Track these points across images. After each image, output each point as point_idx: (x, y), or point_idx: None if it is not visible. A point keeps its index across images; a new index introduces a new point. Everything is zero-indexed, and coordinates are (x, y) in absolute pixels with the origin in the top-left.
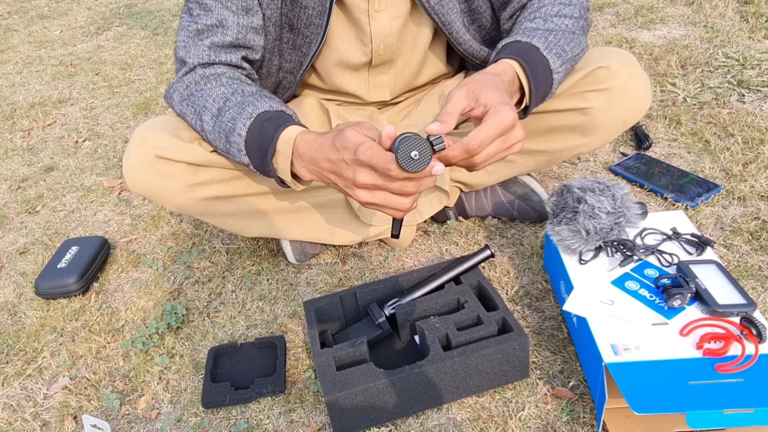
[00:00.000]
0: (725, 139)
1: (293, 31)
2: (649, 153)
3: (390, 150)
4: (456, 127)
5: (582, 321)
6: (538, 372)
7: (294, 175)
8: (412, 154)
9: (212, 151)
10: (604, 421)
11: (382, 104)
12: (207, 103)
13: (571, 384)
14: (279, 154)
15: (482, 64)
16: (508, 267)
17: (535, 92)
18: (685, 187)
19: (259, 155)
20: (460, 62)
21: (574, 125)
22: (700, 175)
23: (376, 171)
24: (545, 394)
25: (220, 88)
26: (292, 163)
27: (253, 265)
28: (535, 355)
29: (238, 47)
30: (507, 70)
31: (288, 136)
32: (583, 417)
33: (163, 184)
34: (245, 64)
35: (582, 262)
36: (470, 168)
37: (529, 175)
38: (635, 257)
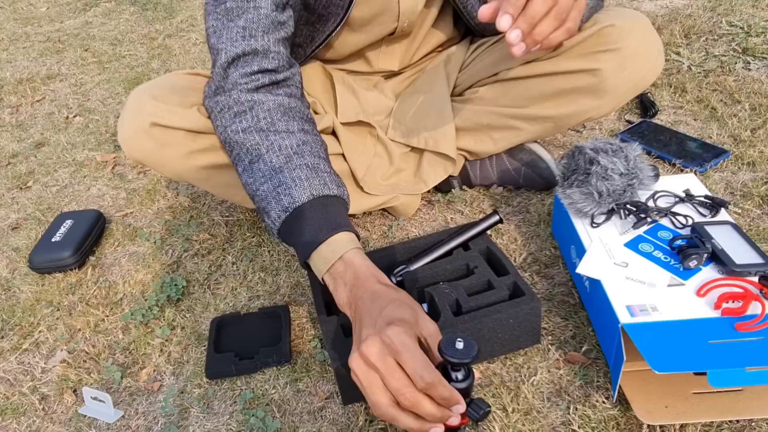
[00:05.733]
0: (732, 105)
1: (307, 10)
2: (654, 121)
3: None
4: (461, 94)
5: (595, 284)
6: (550, 338)
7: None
8: (457, 342)
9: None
10: (620, 385)
11: (389, 72)
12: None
13: (583, 349)
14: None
15: (487, 31)
16: (515, 235)
17: None
18: (693, 153)
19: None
20: (465, 29)
21: (584, 87)
22: (708, 142)
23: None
24: (557, 359)
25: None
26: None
27: (253, 237)
28: (546, 321)
29: (274, 26)
30: None
31: (349, 257)
32: (597, 381)
33: (160, 152)
34: (283, 59)
35: (594, 225)
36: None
37: (535, 142)
38: (649, 219)
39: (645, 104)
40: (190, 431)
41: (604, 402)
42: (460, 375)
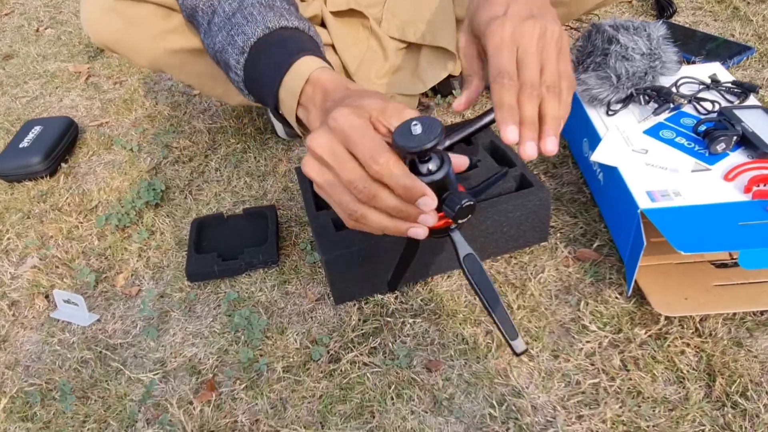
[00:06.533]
0: (755, 5)
1: None
2: (672, 21)
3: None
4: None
5: (610, 173)
6: (558, 235)
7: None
8: (413, 125)
9: None
10: (635, 280)
11: None
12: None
13: (595, 245)
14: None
15: None
16: None
17: None
18: (715, 51)
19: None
20: None
21: None
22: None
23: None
24: (566, 257)
25: None
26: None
27: (238, 144)
28: (554, 219)
29: None
30: None
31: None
32: (610, 277)
33: (129, 31)
34: None
35: (610, 113)
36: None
37: None
38: (671, 105)
39: (661, 4)
40: (171, 334)
41: (617, 297)
42: (432, 166)
